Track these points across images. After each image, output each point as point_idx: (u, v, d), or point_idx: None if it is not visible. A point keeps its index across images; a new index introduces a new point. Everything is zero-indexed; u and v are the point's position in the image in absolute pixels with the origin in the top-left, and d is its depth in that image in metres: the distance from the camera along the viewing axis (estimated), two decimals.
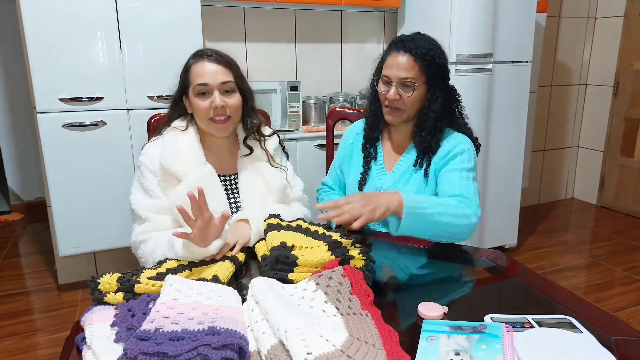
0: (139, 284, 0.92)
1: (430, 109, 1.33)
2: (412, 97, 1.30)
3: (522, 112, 2.72)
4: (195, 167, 1.27)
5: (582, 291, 2.48)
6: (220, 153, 1.36)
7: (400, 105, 1.32)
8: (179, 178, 1.25)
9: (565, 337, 0.78)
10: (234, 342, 0.70)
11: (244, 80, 1.34)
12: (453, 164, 1.33)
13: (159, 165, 1.25)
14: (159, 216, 1.24)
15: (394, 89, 1.31)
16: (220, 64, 1.29)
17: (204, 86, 1.26)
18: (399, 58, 1.30)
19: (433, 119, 1.33)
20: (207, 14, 2.56)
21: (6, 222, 3.49)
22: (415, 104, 1.33)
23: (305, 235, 1.14)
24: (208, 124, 1.29)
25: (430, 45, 1.31)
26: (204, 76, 1.26)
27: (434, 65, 1.30)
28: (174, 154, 1.26)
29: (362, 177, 1.44)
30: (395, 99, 1.31)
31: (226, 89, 1.28)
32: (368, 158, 1.45)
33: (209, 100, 1.27)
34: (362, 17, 2.98)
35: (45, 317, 2.23)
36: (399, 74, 1.29)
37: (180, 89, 1.33)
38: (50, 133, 2.12)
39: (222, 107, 1.26)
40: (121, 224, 2.25)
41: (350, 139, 1.53)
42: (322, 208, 1.14)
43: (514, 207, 2.80)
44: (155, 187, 1.26)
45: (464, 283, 1.09)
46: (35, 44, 2.02)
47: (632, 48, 3.44)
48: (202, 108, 1.27)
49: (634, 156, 3.50)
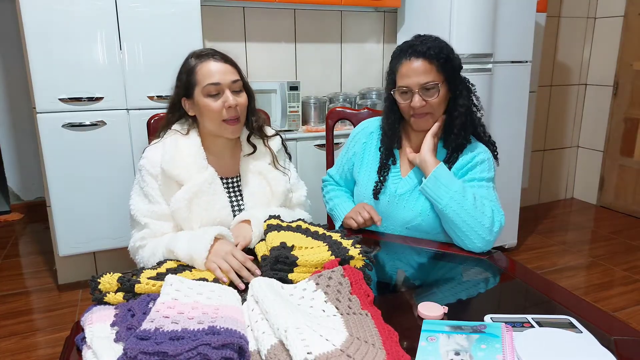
0: (139, 284, 0.92)
1: (458, 104, 1.30)
2: (438, 98, 1.28)
3: (521, 112, 2.72)
4: (196, 171, 1.24)
5: (581, 291, 2.48)
6: (222, 155, 1.34)
7: (429, 110, 1.29)
8: (180, 182, 1.23)
9: (565, 337, 0.78)
10: (234, 342, 0.70)
11: (246, 79, 1.33)
12: (472, 174, 1.31)
13: (160, 170, 1.23)
14: (158, 222, 1.23)
15: (417, 96, 1.27)
16: (227, 63, 1.27)
17: (215, 86, 1.23)
18: (413, 64, 1.27)
19: (464, 114, 1.31)
20: (207, 13, 2.56)
21: (6, 222, 3.49)
22: (442, 104, 1.31)
23: (305, 235, 1.14)
24: (220, 126, 1.26)
25: (439, 43, 1.29)
26: (214, 76, 1.23)
27: (449, 62, 1.28)
28: (175, 158, 1.23)
29: (377, 186, 1.40)
30: (422, 106, 1.28)
31: (235, 89, 1.26)
32: (386, 169, 1.41)
33: (220, 100, 1.24)
34: (362, 17, 2.98)
35: (45, 317, 2.23)
36: (419, 80, 1.26)
37: (182, 92, 1.29)
38: (50, 133, 2.12)
39: (235, 107, 1.24)
40: (121, 224, 2.25)
41: (363, 137, 1.49)
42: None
43: (513, 207, 2.81)
44: (156, 192, 1.24)
45: (464, 283, 1.09)
46: (35, 44, 2.02)
47: (631, 48, 3.44)
48: (214, 109, 1.24)
49: (633, 156, 3.50)
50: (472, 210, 1.21)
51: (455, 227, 1.24)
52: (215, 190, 1.26)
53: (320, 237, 1.11)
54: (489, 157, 1.34)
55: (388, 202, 1.38)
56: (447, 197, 1.23)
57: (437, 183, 1.25)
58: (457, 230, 1.23)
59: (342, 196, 1.54)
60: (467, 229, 1.22)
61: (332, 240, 1.08)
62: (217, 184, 1.28)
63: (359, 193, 1.47)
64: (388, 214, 1.38)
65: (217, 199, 1.26)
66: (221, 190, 1.29)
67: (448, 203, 1.23)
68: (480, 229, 1.21)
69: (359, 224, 1.34)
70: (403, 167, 1.41)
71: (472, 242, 1.22)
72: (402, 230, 1.37)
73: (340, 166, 1.56)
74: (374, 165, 1.44)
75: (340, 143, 2.44)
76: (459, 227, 1.23)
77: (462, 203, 1.22)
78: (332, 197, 1.55)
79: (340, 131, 2.51)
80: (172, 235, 1.18)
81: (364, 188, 1.44)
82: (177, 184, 1.23)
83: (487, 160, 1.33)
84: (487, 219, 1.21)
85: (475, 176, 1.30)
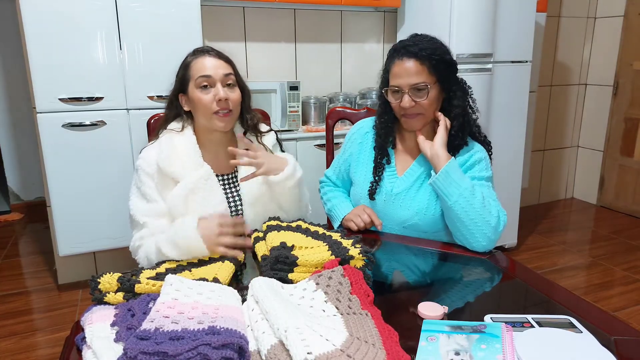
0: (139, 284, 0.92)
1: (453, 106, 1.30)
2: (428, 99, 1.27)
3: (522, 112, 2.72)
4: (192, 168, 1.26)
5: (582, 291, 2.48)
6: (218, 152, 1.36)
7: (419, 110, 1.29)
8: (175, 179, 1.25)
9: (565, 337, 0.78)
10: (234, 342, 0.70)
11: (241, 77, 1.35)
12: (471, 173, 1.31)
13: (156, 168, 1.25)
14: (157, 220, 1.24)
15: (407, 97, 1.27)
16: (220, 58, 1.30)
17: (206, 78, 1.26)
18: (405, 64, 1.27)
19: (461, 115, 1.30)
20: (207, 13, 2.56)
21: (6, 222, 3.49)
22: (433, 105, 1.30)
23: (305, 235, 1.14)
24: (210, 118, 1.28)
25: (432, 44, 1.28)
26: (206, 69, 1.27)
27: (442, 63, 1.27)
28: (170, 156, 1.25)
29: (373, 186, 1.40)
30: (411, 106, 1.28)
31: (228, 82, 1.29)
32: (380, 169, 1.41)
33: (212, 93, 1.27)
34: (362, 17, 2.98)
35: (45, 317, 2.23)
36: (409, 80, 1.26)
37: (178, 87, 1.33)
38: (50, 133, 2.12)
39: (225, 99, 1.26)
40: (121, 223, 2.25)
41: (359, 138, 1.49)
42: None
43: (513, 207, 2.81)
44: (152, 191, 1.25)
45: (464, 283, 1.09)
46: (35, 44, 2.02)
47: (631, 48, 3.44)
48: (205, 102, 1.27)
49: (633, 156, 3.50)
50: (480, 208, 1.21)
51: (461, 224, 1.22)
52: (212, 187, 1.28)
53: (320, 237, 1.11)
54: (485, 156, 1.34)
55: (384, 201, 1.38)
56: (456, 193, 1.22)
57: (449, 179, 1.23)
58: (463, 228, 1.23)
59: (340, 197, 1.54)
60: (474, 227, 1.21)
61: (332, 240, 1.08)
62: (213, 180, 1.30)
63: (355, 194, 1.47)
64: (385, 213, 1.38)
65: (214, 195, 1.28)
66: (217, 186, 1.30)
67: (457, 200, 1.22)
68: (487, 227, 1.20)
69: (359, 227, 1.34)
70: (399, 166, 1.40)
71: (477, 241, 1.21)
72: (399, 230, 1.37)
73: (336, 167, 1.56)
74: (369, 166, 1.44)
75: (340, 143, 2.42)
76: (465, 224, 1.22)
77: (471, 201, 1.21)
78: (330, 198, 1.55)
79: (340, 131, 2.50)
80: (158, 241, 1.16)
81: (360, 188, 1.44)
82: (174, 181, 1.25)
83: (484, 159, 1.33)
84: (494, 218, 1.21)
85: (474, 175, 1.30)
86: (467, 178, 1.26)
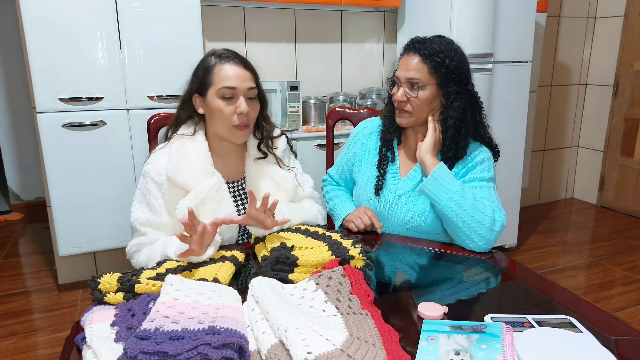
0: (139, 284, 0.92)
1: (449, 115, 1.28)
2: (419, 98, 1.27)
3: (522, 112, 2.72)
4: (203, 177, 1.23)
5: (582, 291, 2.48)
6: (229, 158, 1.33)
7: (408, 108, 1.29)
8: (185, 189, 1.21)
9: (565, 337, 0.78)
10: (234, 342, 0.70)
11: (262, 87, 1.31)
12: (473, 174, 1.30)
13: (165, 178, 1.21)
14: (157, 232, 1.22)
15: (401, 89, 1.29)
16: (247, 69, 1.25)
17: (231, 90, 1.22)
18: (408, 59, 1.28)
19: (453, 127, 1.28)
20: (207, 13, 2.56)
21: (6, 222, 3.49)
22: (423, 107, 1.29)
23: (305, 235, 1.14)
24: (229, 130, 1.25)
25: (442, 47, 1.27)
26: (231, 79, 1.22)
27: (445, 67, 1.26)
28: (180, 164, 1.21)
29: (379, 181, 1.40)
30: (402, 100, 1.29)
31: (250, 96, 1.25)
32: (385, 162, 1.40)
33: (233, 105, 1.22)
34: (362, 17, 2.98)
35: (45, 317, 2.23)
36: (407, 74, 1.27)
37: (195, 88, 1.27)
38: (50, 133, 2.12)
39: (246, 113, 1.23)
40: (121, 224, 2.25)
41: (362, 138, 1.49)
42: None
43: (513, 207, 2.81)
44: (158, 203, 1.22)
45: (464, 283, 1.09)
46: (35, 44, 2.02)
47: (632, 48, 3.44)
48: (226, 113, 1.22)
49: (634, 156, 3.50)
50: (471, 210, 1.21)
51: (455, 226, 1.24)
52: (222, 197, 1.25)
53: (320, 237, 1.11)
54: (488, 157, 1.33)
55: (388, 202, 1.38)
56: (446, 197, 1.23)
57: (436, 183, 1.24)
58: (458, 231, 1.23)
59: (342, 196, 1.54)
60: (467, 229, 1.22)
61: (332, 240, 1.08)
62: (224, 190, 1.27)
63: (358, 193, 1.47)
64: (388, 214, 1.38)
65: (224, 205, 1.25)
66: (227, 196, 1.28)
67: (447, 203, 1.23)
68: (481, 228, 1.21)
69: (359, 229, 1.34)
70: (402, 167, 1.41)
71: (474, 242, 1.22)
72: (402, 231, 1.37)
73: (339, 166, 1.56)
74: (373, 166, 1.43)
75: (340, 143, 2.44)
76: (459, 227, 1.23)
77: (461, 203, 1.22)
78: (332, 197, 1.55)
79: (341, 131, 2.51)
80: (162, 247, 1.16)
81: (364, 188, 1.44)
82: (183, 191, 1.21)
83: (487, 160, 1.32)
84: (488, 219, 1.21)
85: (475, 176, 1.30)
86: (458, 182, 1.25)
